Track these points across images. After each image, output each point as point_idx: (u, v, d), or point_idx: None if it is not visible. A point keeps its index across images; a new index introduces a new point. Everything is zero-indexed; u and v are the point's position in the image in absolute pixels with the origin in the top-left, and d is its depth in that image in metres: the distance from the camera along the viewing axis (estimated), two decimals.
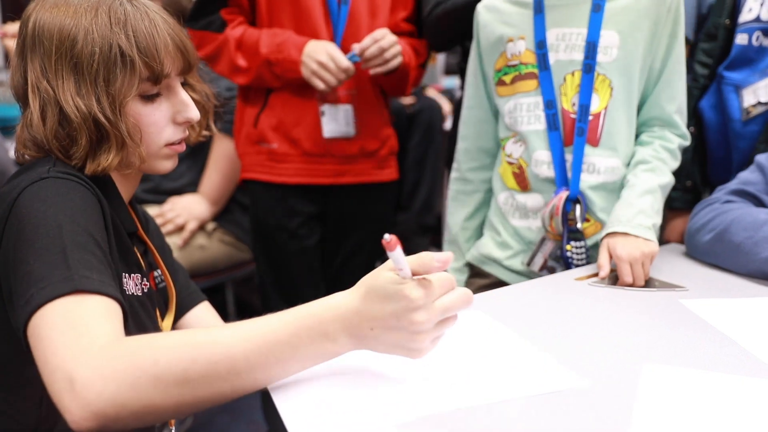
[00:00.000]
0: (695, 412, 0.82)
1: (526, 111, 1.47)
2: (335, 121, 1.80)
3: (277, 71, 1.74)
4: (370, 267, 1.96)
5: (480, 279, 1.57)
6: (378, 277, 0.82)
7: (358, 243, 1.97)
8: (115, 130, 0.97)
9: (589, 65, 1.41)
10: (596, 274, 1.33)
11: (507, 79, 1.50)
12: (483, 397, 0.84)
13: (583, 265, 1.44)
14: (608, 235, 1.34)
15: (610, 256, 1.32)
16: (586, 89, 1.42)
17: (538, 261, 1.48)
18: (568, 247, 1.43)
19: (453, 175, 1.66)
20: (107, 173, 1.00)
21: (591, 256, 1.45)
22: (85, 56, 0.96)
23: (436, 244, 3.55)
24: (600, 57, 1.41)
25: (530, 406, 0.83)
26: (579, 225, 1.43)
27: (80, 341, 0.75)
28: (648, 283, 1.29)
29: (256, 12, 1.81)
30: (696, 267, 1.39)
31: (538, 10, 1.46)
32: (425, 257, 0.82)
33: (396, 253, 0.79)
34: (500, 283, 1.50)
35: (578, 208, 1.43)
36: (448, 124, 3.62)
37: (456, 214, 1.65)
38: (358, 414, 0.80)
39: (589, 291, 1.26)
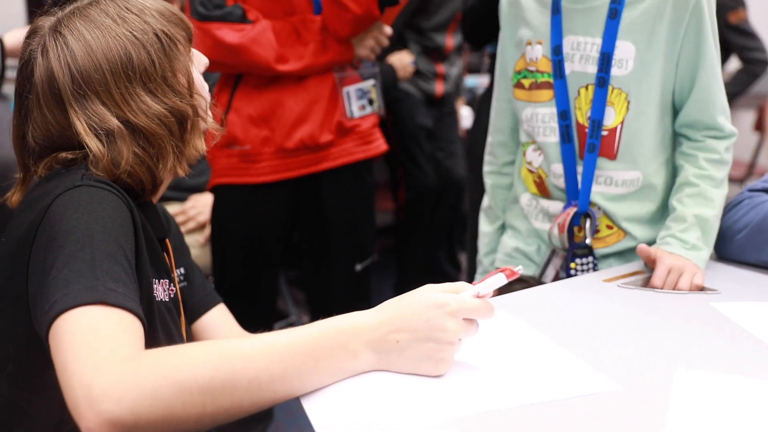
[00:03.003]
0: (730, 418, 0.80)
1: (542, 122, 1.43)
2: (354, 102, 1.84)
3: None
4: (350, 272, 1.97)
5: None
6: (413, 292, 0.87)
7: (338, 243, 1.93)
8: (194, 109, 1.01)
9: (602, 79, 1.35)
10: (625, 276, 1.31)
11: (525, 83, 1.46)
12: (513, 400, 0.83)
13: None
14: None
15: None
16: (598, 104, 1.36)
17: (550, 273, 1.47)
18: (572, 265, 1.41)
19: (487, 168, 1.62)
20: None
21: (604, 265, 1.42)
22: (146, 62, 0.97)
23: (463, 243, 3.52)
24: (615, 70, 1.34)
25: (562, 410, 0.81)
26: (588, 240, 1.41)
27: (101, 350, 0.74)
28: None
29: None
30: (727, 269, 1.36)
31: (556, 10, 1.39)
32: (462, 287, 0.89)
33: (500, 281, 0.87)
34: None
35: (588, 222, 1.40)
36: (466, 122, 3.58)
37: (494, 207, 1.61)
38: (385, 416, 0.79)
39: (618, 293, 1.24)
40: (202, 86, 1.07)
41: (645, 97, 1.35)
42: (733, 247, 1.38)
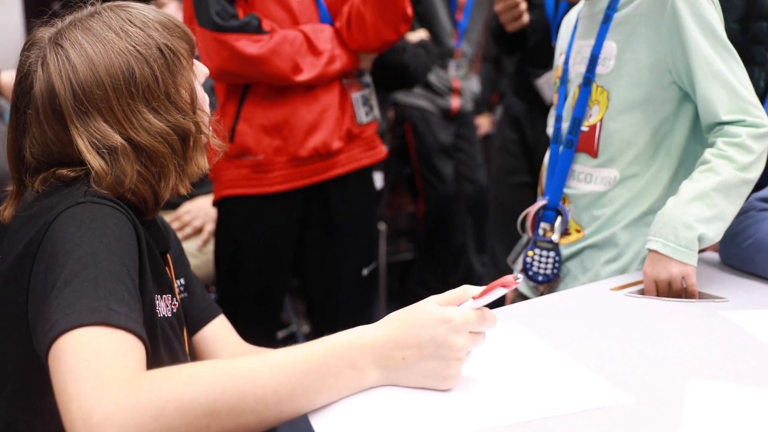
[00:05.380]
0: (748, 430, 0.79)
1: (549, 125, 1.55)
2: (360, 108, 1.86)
3: None
4: (357, 278, 1.97)
5: None
6: (417, 306, 0.85)
7: (346, 249, 1.93)
8: (196, 125, 0.99)
9: (587, 78, 1.41)
10: (632, 284, 1.30)
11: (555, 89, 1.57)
12: (523, 414, 0.82)
13: (545, 275, 1.45)
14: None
15: None
16: (581, 103, 1.42)
17: (520, 262, 1.52)
18: (530, 253, 1.47)
19: None
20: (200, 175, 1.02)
21: (563, 269, 1.46)
22: (149, 78, 0.95)
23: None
24: (599, 69, 1.40)
25: (574, 424, 0.80)
26: (555, 236, 1.45)
27: (102, 373, 0.72)
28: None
29: None
30: (734, 277, 1.35)
31: (575, 22, 1.49)
32: (465, 293, 0.87)
33: (500, 293, 0.84)
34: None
35: (558, 219, 1.45)
36: None
37: None
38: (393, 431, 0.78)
39: (625, 302, 1.23)
40: (204, 100, 1.05)
41: (623, 97, 1.38)
42: (735, 256, 1.38)
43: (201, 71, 1.06)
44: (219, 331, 1.24)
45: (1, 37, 2.19)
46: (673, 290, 1.24)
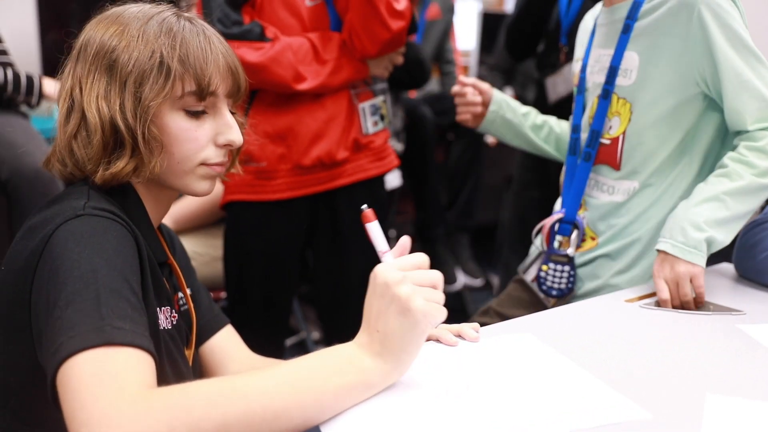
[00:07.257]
0: None
1: (567, 136, 1.55)
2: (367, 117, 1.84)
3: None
4: (365, 288, 1.93)
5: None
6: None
7: (353, 258, 1.92)
8: (131, 135, 0.95)
9: (606, 91, 1.39)
10: (647, 296, 1.29)
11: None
12: (537, 428, 0.80)
13: (560, 290, 1.45)
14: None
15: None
16: (599, 115, 1.40)
17: (532, 272, 1.52)
18: (544, 267, 1.46)
19: None
20: (126, 184, 0.99)
21: (576, 283, 1.45)
22: (122, 59, 0.95)
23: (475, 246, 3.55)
24: (620, 80, 1.37)
25: None
26: (570, 250, 1.44)
27: (108, 395, 0.71)
28: (702, 307, 1.24)
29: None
30: (750, 290, 1.34)
31: (593, 30, 1.47)
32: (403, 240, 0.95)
33: (373, 225, 0.94)
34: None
35: (575, 233, 1.43)
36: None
37: None
38: None
39: (640, 314, 1.22)
40: (191, 138, 1.00)
41: (648, 109, 1.35)
42: (752, 268, 1.36)
43: (224, 133, 1.04)
44: (226, 341, 1.24)
45: (15, 42, 2.20)
46: (681, 291, 1.23)
